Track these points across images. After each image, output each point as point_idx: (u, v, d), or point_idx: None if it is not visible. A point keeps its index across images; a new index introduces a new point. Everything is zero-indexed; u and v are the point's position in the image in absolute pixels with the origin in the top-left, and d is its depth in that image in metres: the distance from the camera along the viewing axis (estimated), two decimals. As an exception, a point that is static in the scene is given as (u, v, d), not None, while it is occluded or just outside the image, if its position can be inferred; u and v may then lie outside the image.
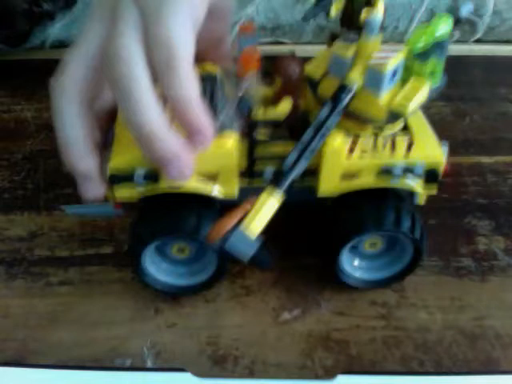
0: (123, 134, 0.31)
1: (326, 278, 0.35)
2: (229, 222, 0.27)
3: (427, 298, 0.35)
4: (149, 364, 0.31)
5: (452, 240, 0.39)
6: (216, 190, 0.31)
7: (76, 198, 0.42)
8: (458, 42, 0.61)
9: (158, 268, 0.34)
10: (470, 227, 0.40)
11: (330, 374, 0.30)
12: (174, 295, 0.35)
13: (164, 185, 0.31)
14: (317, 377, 0.31)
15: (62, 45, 0.60)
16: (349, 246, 0.33)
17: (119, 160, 0.30)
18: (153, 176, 0.30)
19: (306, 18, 0.30)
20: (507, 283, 0.36)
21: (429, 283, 0.36)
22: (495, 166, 0.46)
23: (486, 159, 0.47)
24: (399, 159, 0.31)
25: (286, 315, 0.34)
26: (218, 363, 0.32)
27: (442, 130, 0.33)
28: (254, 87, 0.30)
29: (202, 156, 0.30)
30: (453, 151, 0.33)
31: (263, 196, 0.28)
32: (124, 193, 0.31)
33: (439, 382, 0.29)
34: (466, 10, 0.30)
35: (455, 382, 0.29)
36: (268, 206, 0.28)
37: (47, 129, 0.50)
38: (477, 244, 0.39)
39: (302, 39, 0.61)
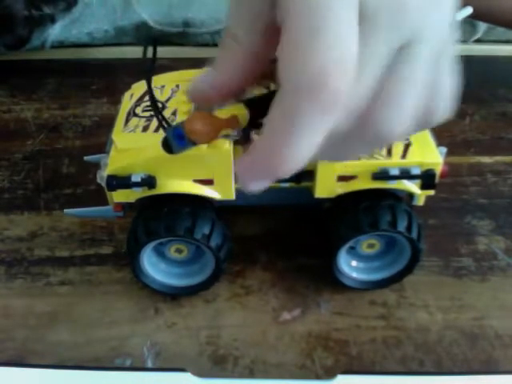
0: (121, 141, 0.31)
1: (325, 279, 0.35)
2: None
3: (427, 298, 0.35)
4: (149, 364, 0.31)
5: (452, 240, 0.39)
6: (213, 192, 0.31)
7: (76, 198, 0.43)
8: (457, 41, 0.61)
9: (156, 268, 0.34)
10: (469, 227, 0.40)
11: (330, 373, 0.30)
12: (173, 295, 0.35)
13: (161, 190, 0.31)
14: (317, 377, 0.31)
15: (62, 45, 0.60)
16: (346, 246, 0.33)
17: (117, 167, 0.30)
18: (149, 182, 0.30)
19: None
20: (507, 283, 0.36)
21: (429, 283, 0.36)
22: (495, 166, 0.46)
23: (486, 159, 0.47)
24: (395, 162, 0.31)
25: (285, 315, 0.34)
26: (218, 363, 0.32)
27: (442, 129, 0.32)
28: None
29: (198, 158, 0.30)
30: (453, 151, 0.33)
31: None
32: (122, 195, 0.31)
33: (439, 381, 0.28)
34: (463, 13, 0.29)
35: (455, 382, 0.28)
36: None
37: (47, 129, 0.50)
38: (477, 244, 0.39)
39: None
